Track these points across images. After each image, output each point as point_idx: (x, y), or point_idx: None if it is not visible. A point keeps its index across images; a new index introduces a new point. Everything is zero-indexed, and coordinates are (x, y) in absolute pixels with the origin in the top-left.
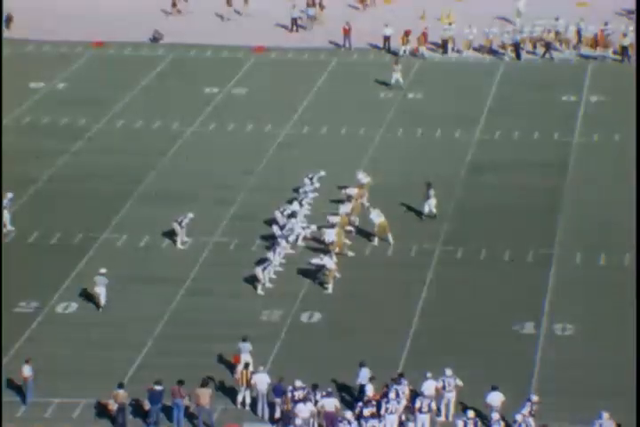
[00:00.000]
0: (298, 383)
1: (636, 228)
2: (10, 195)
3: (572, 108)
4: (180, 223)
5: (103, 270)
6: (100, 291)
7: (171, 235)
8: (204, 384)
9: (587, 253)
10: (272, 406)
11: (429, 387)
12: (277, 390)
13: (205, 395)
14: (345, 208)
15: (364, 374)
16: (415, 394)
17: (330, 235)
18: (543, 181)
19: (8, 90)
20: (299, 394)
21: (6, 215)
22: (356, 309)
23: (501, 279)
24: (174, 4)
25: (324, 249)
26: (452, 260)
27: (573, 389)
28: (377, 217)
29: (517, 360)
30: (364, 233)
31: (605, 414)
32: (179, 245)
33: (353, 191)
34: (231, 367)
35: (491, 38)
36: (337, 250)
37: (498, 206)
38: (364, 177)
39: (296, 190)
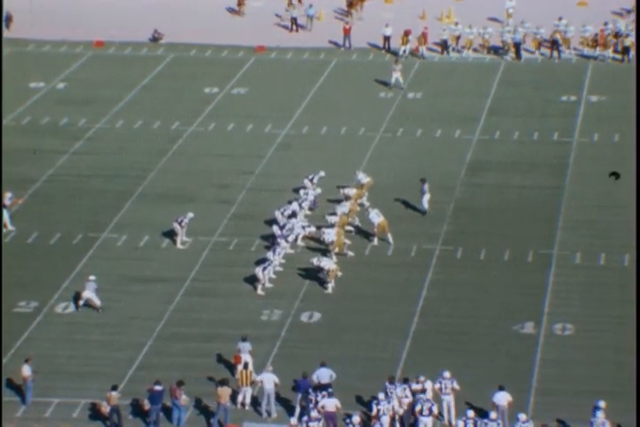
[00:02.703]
0: (314, 414)
1: (636, 228)
2: (9, 194)
3: (571, 107)
4: (180, 223)
5: (92, 277)
6: (90, 295)
7: (171, 235)
8: (224, 383)
9: (586, 254)
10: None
11: (428, 389)
12: (302, 385)
13: (226, 394)
14: (343, 208)
15: (323, 374)
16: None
17: (329, 235)
18: (543, 181)
19: (8, 90)
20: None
21: (6, 215)
22: (355, 309)
23: (501, 279)
24: (240, 4)
25: (324, 249)
26: (451, 260)
27: (573, 389)
28: (376, 217)
29: (517, 360)
30: (364, 233)
31: (600, 414)
32: (178, 245)
33: (351, 191)
34: (231, 367)
35: (487, 38)
36: (337, 250)
37: (498, 206)
38: (363, 177)
39: (296, 191)
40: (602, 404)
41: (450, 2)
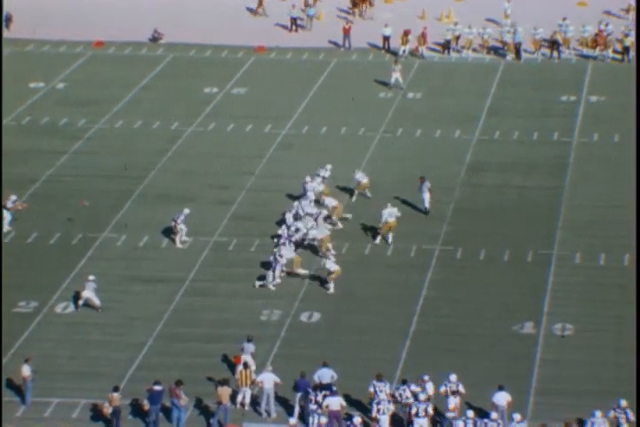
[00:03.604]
0: (322, 419)
1: (636, 228)
2: (14, 197)
3: (571, 107)
4: (175, 220)
5: (92, 277)
6: (89, 295)
7: (170, 234)
8: (224, 383)
9: (586, 254)
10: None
11: (429, 390)
12: (301, 385)
13: (226, 394)
14: (331, 202)
15: (325, 374)
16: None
17: (321, 232)
18: (543, 181)
19: (8, 90)
20: None
21: (7, 216)
22: (355, 309)
23: (501, 279)
24: (260, 4)
25: (314, 246)
26: (451, 260)
27: (573, 389)
28: (388, 216)
29: (517, 360)
30: (369, 230)
31: (598, 413)
32: (178, 244)
33: (320, 187)
34: (231, 368)
35: (486, 38)
36: (323, 249)
37: (497, 206)
38: (362, 176)
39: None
40: (623, 403)
41: (450, 2)
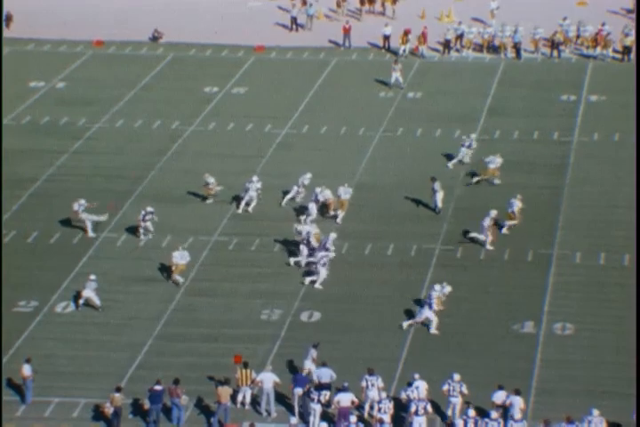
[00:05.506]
0: None
1: (636, 228)
2: (82, 201)
3: (571, 107)
4: (143, 219)
5: (93, 276)
6: (89, 294)
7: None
8: (224, 383)
9: (586, 253)
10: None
11: (421, 388)
12: (299, 380)
13: (226, 393)
14: (328, 195)
15: (324, 374)
16: (409, 397)
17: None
18: (543, 181)
19: (8, 89)
20: None
21: (87, 219)
22: (355, 308)
23: (501, 279)
24: (304, 3)
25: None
26: (451, 259)
27: (573, 389)
28: (510, 206)
29: (517, 360)
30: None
31: (595, 411)
32: (141, 236)
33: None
34: (231, 367)
35: (487, 38)
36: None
37: (498, 206)
38: (493, 159)
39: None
40: None
41: (450, 1)
